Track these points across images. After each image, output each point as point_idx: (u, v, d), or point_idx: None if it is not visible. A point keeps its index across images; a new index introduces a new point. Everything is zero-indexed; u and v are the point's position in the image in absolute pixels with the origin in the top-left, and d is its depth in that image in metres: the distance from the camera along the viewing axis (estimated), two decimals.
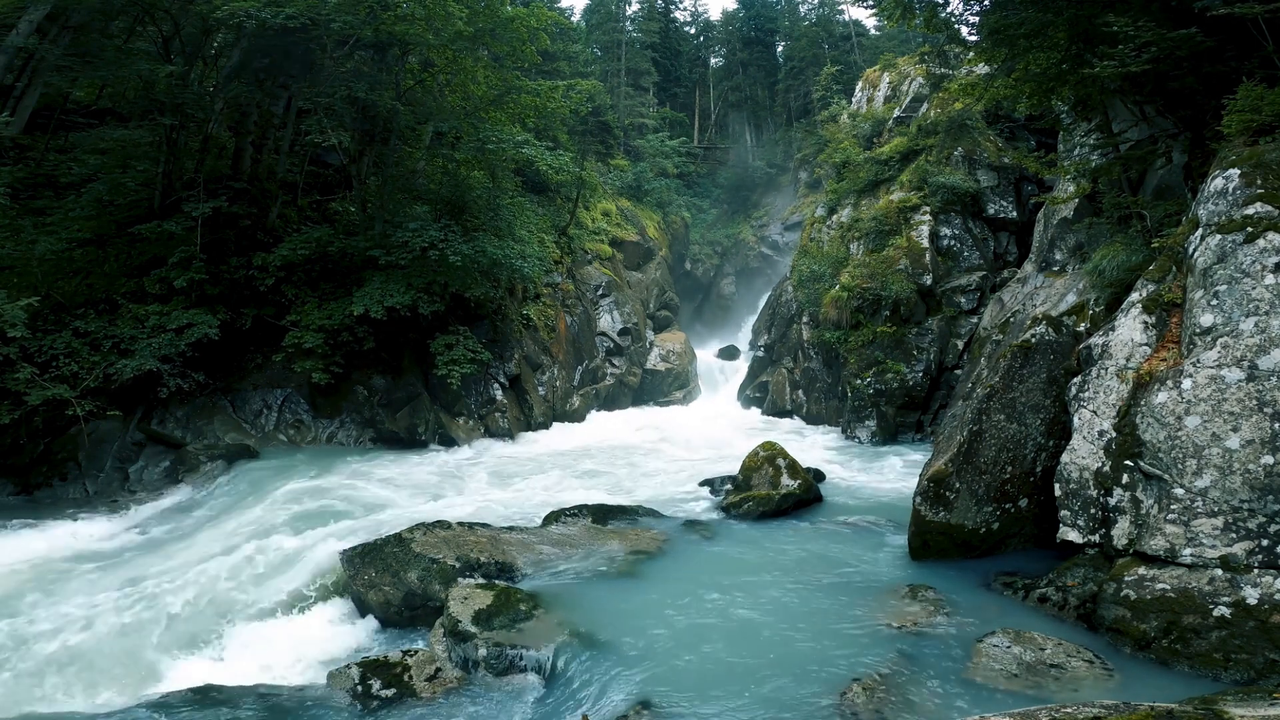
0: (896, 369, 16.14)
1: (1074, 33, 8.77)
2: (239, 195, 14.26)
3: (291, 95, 15.22)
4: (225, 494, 11.05)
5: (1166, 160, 9.61)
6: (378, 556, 7.14)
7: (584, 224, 24.97)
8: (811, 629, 5.84)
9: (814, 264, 19.04)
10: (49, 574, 8.20)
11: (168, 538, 9.58)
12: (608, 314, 23.43)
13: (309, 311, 13.96)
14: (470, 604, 6.22)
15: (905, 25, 12.93)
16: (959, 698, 4.73)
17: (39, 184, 13.25)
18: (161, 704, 5.28)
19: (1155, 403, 5.93)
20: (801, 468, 10.31)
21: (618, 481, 12.22)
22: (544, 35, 17.15)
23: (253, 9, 12.36)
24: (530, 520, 9.09)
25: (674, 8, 51.35)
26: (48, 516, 10.09)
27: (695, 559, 7.72)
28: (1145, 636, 5.27)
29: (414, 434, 14.64)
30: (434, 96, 16.72)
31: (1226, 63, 7.64)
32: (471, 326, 16.28)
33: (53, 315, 11.71)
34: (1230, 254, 5.85)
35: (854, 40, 42.98)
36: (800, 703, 4.72)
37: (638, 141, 36.54)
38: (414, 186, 16.89)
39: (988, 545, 7.21)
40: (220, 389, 13.69)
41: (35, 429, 11.31)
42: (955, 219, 17.84)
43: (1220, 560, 5.28)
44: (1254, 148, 6.33)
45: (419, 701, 5.29)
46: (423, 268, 14.32)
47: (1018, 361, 7.59)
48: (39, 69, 12.63)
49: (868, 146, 22.24)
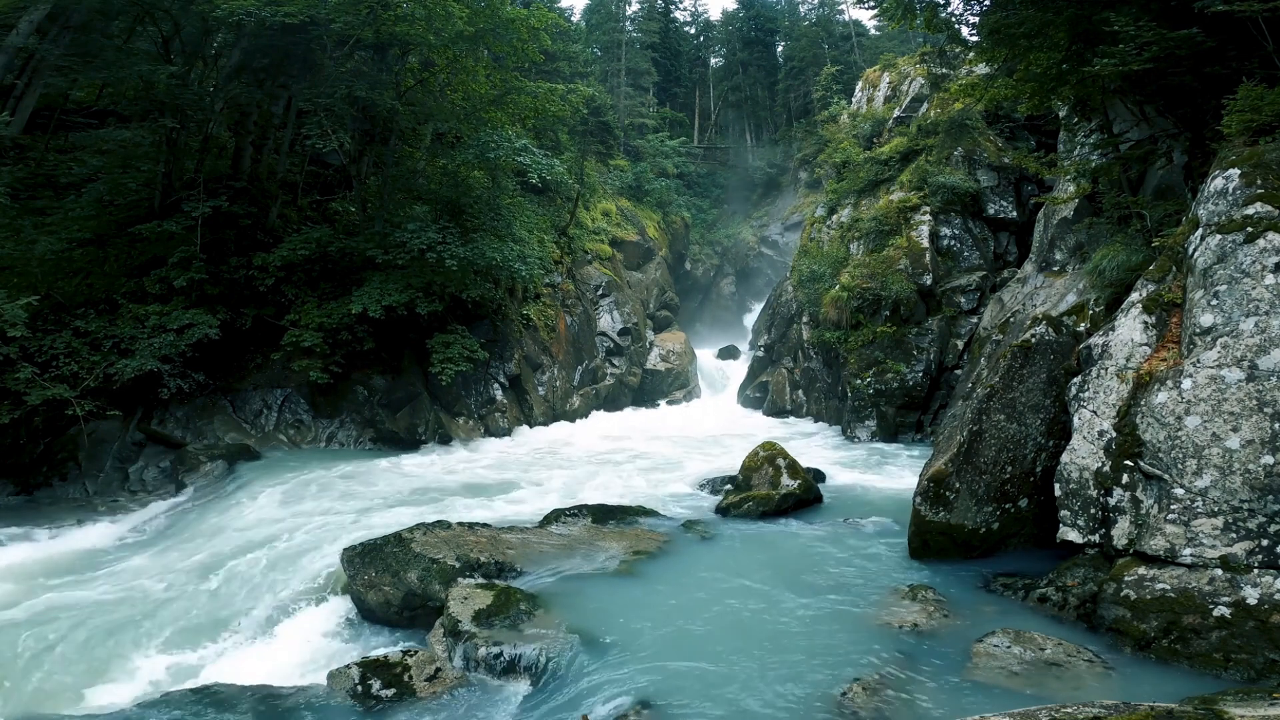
0: (896, 369, 16.14)
1: (1074, 32, 8.78)
2: (239, 195, 14.26)
3: (291, 95, 15.22)
4: (225, 494, 11.04)
5: (1166, 160, 9.61)
6: (378, 556, 7.13)
7: (584, 224, 24.97)
8: (811, 629, 5.84)
9: (814, 264, 19.04)
10: (49, 574, 8.20)
11: (167, 538, 9.58)
12: (608, 314, 23.43)
13: (308, 311, 13.97)
14: (470, 604, 6.22)
15: (907, 26, 12.94)
16: (959, 697, 4.73)
17: (39, 184, 13.25)
18: (161, 704, 5.28)
19: (1155, 403, 5.93)
20: (801, 468, 10.31)
21: (618, 481, 12.21)
22: (544, 35, 17.15)
23: (252, 8, 12.36)
24: (530, 520, 9.08)
25: (674, 8, 51.39)
26: (47, 516, 10.09)
27: (695, 559, 7.71)
28: (1145, 636, 5.27)
29: (414, 434, 14.64)
30: (434, 96, 16.73)
31: (1227, 63, 7.64)
32: (471, 326, 16.28)
33: (53, 315, 11.70)
34: (1230, 254, 5.85)
35: (854, 40, 43.00)
36: (800, 702, 4.71)
37: (638, 141, 36.55)
38: (414, 186, 16.90)
39: (988, 545, 7.21)
40: (220, 389, 13.70)
41: (35, 429, 11.30)
42: (955, 219, 17.84)
43: (1220, 560, 5.28)
44: (1254, 148, 6.33)
45: (419, 701, 5.29)
46: (421, 268, 14.34)
47: (1018, 361, 7.59)
48: (39, 69, 12.64)
49: (868, 146, 22.25)
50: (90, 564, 8.53)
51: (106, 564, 8.52)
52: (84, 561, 8.63)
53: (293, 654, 6.44)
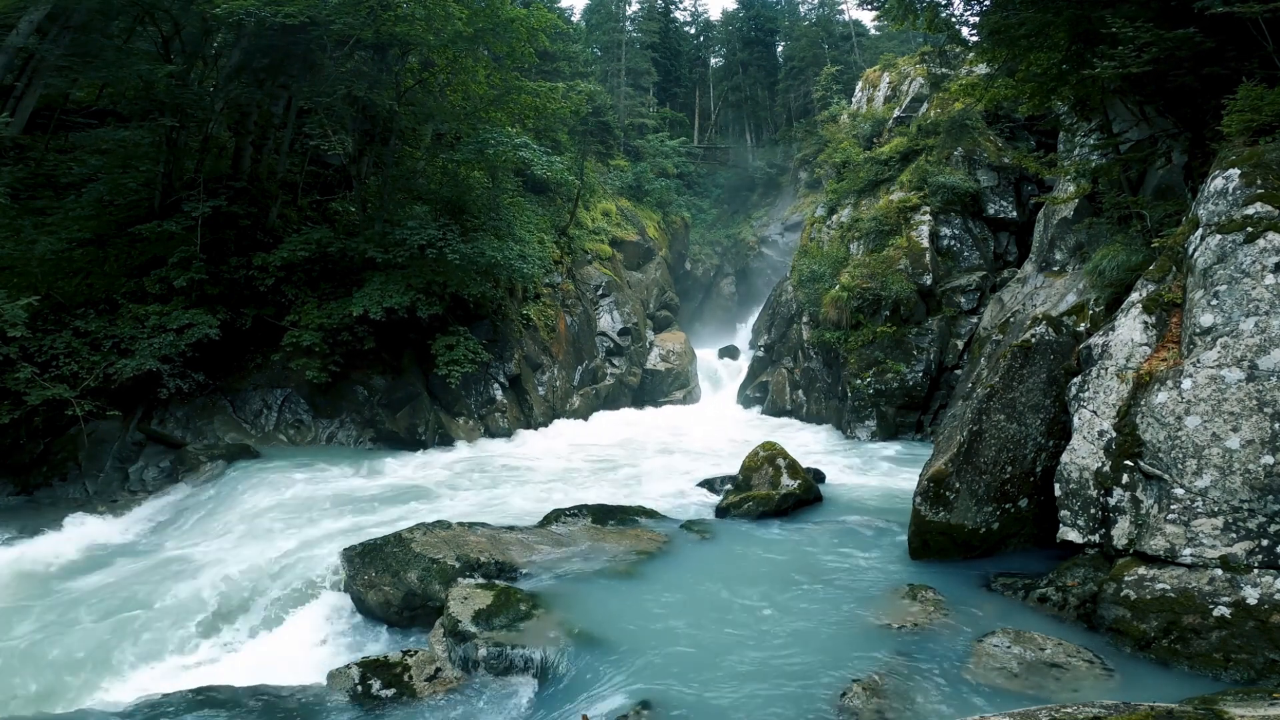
0: (896, 369, 16.14)
1: (1074, 33, 8.78)
2: (239, 195, 14.25)
3: (291, 95, 15.22)
4: (225, 494, 11.04)
5: (1166, 160, 9.61)
6: (377, 556, 7.13)
7: (584, 224, 24.97)
8: (811, 629, 5.84)
9: (814, 264, 19.04)
10: (48, 574, 8.20)
11: (167, 538, 9.59)
12: (608, 314, 23.43)
13: (309, 311, 13.96)
14: (470, 604, 6.21)
15: (908, 26, 12.95)
16: (959, 697, 4.73)
17: (39, 184, 13.24)
18: (161, 704, 5.28)
19: (1155, 403, 5.93)
20: (801, 468, 10.30)
21: (618, 481, 12.21)
22: (544, 36, 17.16)
23: (252, 8, 12.35)
24: (530, 520, 9.08)
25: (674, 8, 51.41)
26: (47, 516, 10.08)
27: (695, 559, 7.71)
28: (1145, 636, 5.27)
29: (414, 434, 14.64)
30: (434, 96, 16.73)
31: (1226, 63, 7.64)
32: (471, 326, 16.28)
33: (53, 315, 11.70)
34: (1230, 254, 5.85)
35: (854, 40, 43.02)
36: (800, 703, 4.71)
37: (638, 141, 36.55)
38: (414, 186, 16.90)
39: (988, 545, 7.21)
40: (220, 389, 13.69)
41: (35, 429, 11.30)
42: (955, 219, 17.85)
43: (1220, 560, 5.28)
44: (1254, 148, 6.33)
45: (419, 701, 5.29)
46: (421, 267, 14.33)
47: (1018, 361, 7.58)
48: (39, 69, 12.63)
49: (868, 146, 22.25)
50: (90, 564, 8.52)
51: (106, 564, 8.51)
52: (83, 561, 8.63)
53: (292, 654, 6.44)
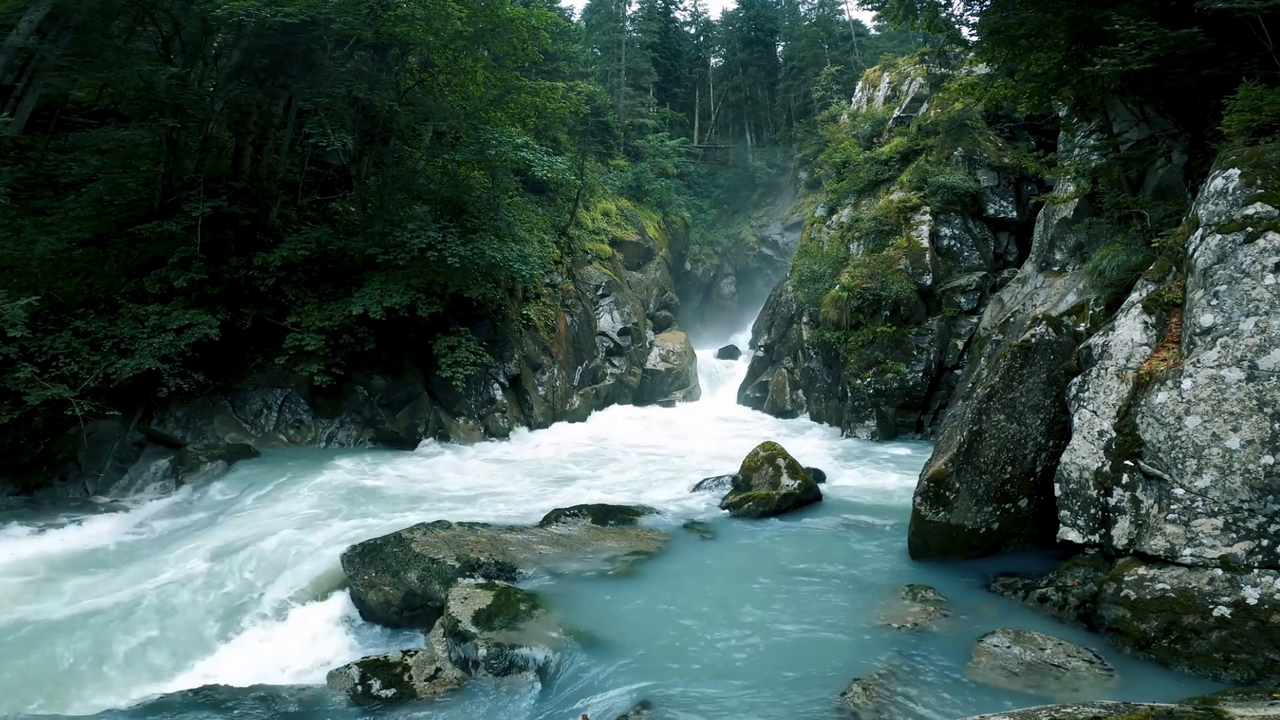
0: (896, 369, 16.14)
1: (1074, 33, 8.77)
2: (239, 195, 14.25)
3: (291, 95, 15.22)
4: (225, 494, 11.05)
5: (1166, 160, 9.61)
6: (378, 556, 7.13)
7: (584, 224, 24.98)
8: (811, 629, 5.84)
9: (814, 264, 19.05)
10: (48, 574, 8.19)
11: (167, 538, 9.57)
12: (608, 314, 23.43)
13: (309, 312, 13.97)
14: (470, 604, 6.22)
15: (908, 26, 12.94)
16: (959, 697, 4.73)
17: (39, 184, 13.24)
18: (161, 704, 5.28)
19: (1155, 403, 5.93)
20: (801, 467, 10.31)
21: (618, 481, 12.21)
22: (544, 35, 17.16)
23: (252, 8, 12.35)
24: (530, 520, 9.08)
25: (674, 8, 51.39)
26: (47, 516, 10.08)
27: (695, 559, 7.71)
28: (1145, 636, 5.27)
29: (414, 434, 14.64)
30: (434, 96, 16.73)
31: (1226, 63, 7.64)
32: (471, 326, 16.28)
33: (53, 315, 11.69)
34: (1230, 254, 5.85)
35: (854, 40, 43.02)
36: (800, 702, 4.71)
37: (638, 141, 36.55)
38: (414, 186, 16.90)
39: (988, 545, 7.21)
40: (220, 389, 13.69)
41: (35, 429, 11.29)
42: (955, 219, 17.85)
43: (1220, 560, 5.28)
44: (1254, 148, 6.33)
45: (419, 701, 5.29)
46: (421, 268, 14.34)
47: (1018, 361, 7.58)
48: (39, 69, 12.62)
49: (868, 146, 22.26)
50: (89, 564, 8.51)
51: (106, 564, 8.51)
52: (83, 562, 8.61)
53: (292, 654, 6.43)
